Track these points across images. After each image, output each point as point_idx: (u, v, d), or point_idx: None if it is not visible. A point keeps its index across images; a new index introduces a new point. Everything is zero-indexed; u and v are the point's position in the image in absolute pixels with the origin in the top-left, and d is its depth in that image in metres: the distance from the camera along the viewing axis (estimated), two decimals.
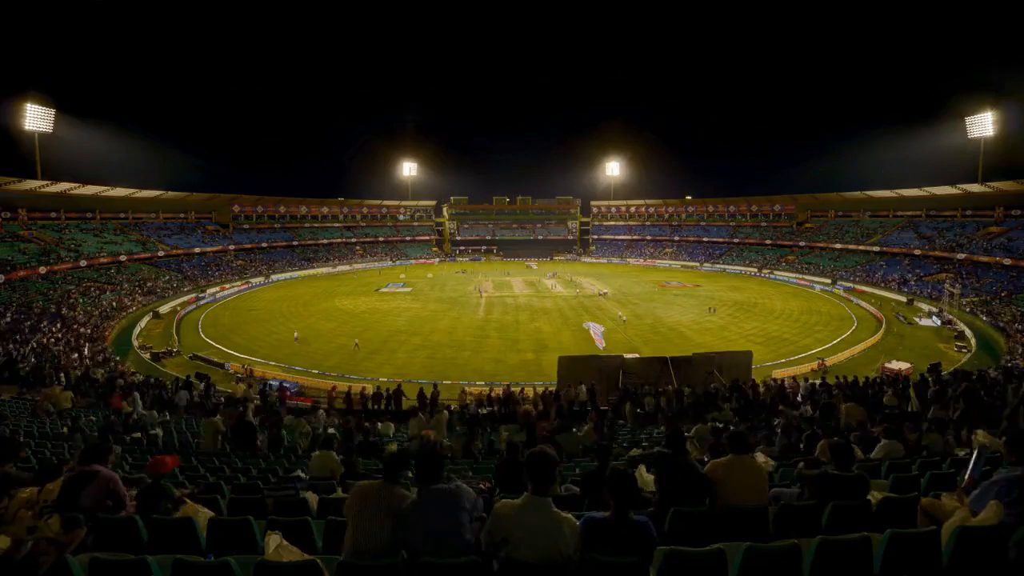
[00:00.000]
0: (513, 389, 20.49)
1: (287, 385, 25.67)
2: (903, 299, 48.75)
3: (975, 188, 58.48)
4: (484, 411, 17.34)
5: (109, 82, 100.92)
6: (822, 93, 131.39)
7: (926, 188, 63.56)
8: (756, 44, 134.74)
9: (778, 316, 42.80)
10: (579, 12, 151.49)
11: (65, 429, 11.02)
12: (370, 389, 21.26)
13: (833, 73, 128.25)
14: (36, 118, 56.07)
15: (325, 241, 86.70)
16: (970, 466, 4.25)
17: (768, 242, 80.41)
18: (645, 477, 5.07)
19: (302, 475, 6.70)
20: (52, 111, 57.32)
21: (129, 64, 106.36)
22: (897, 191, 67.47)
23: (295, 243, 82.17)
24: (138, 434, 10.98)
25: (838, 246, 69.54)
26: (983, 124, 59.95)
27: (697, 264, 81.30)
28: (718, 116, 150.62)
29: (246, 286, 60.62)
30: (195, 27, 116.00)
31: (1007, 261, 48.02)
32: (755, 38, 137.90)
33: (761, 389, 16.92)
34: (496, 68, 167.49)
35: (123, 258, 54.69)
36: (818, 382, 18.60)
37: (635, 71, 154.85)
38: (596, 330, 33.96)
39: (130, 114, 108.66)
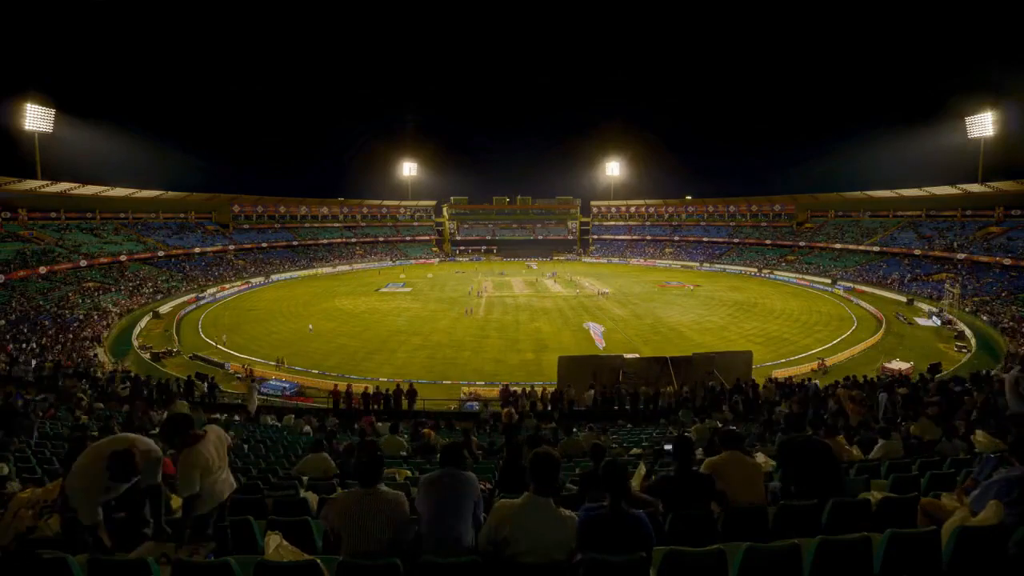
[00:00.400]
0: (514, 388, 20.51)
1: (286, 385, 25.69)
2: (903, 299, 48.75)
3: (975, 188, 58.47)
4: (485, 411, 17.37)
5: (109, 82, 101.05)
6: (822, 93, 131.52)
7: (926, 188, 63.56)
8: (756, 44, 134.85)
9: (778, 316, 42.80)
10: (579, 12, 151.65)
11: (65, 430, 11.01)
12: (371, 388, 21.26)
13: (833, 73, 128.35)
14: (36, 118, 56.07)
15: (325, 241, 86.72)
16: (976, 467, 4.27)
17: (768, 242, 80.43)
18: (642, 472, 5.07)
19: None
20: (52, 111, 57.33)
21: (129, 64, 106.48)
22: (897, 191, 67.48)
23: (295, 243, 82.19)
24: None
25: (838, 246, 69.55)
26: (983, 124, 59.94)
27: (697, 264, 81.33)
28: (718, 116, 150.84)
29: (246, 286, 60.62)
30: (195, 27, 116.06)
31: (1007, 261, 48.01)
32: (755, 38, 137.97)
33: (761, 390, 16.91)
34: (496, 68, 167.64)
35: (123, 258, 54.68)
36: (818, 382, 18.61)
37: (635, 71, 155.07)
38: (596, 330, 33.96)
39: (130, 114, 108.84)
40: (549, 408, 17.74)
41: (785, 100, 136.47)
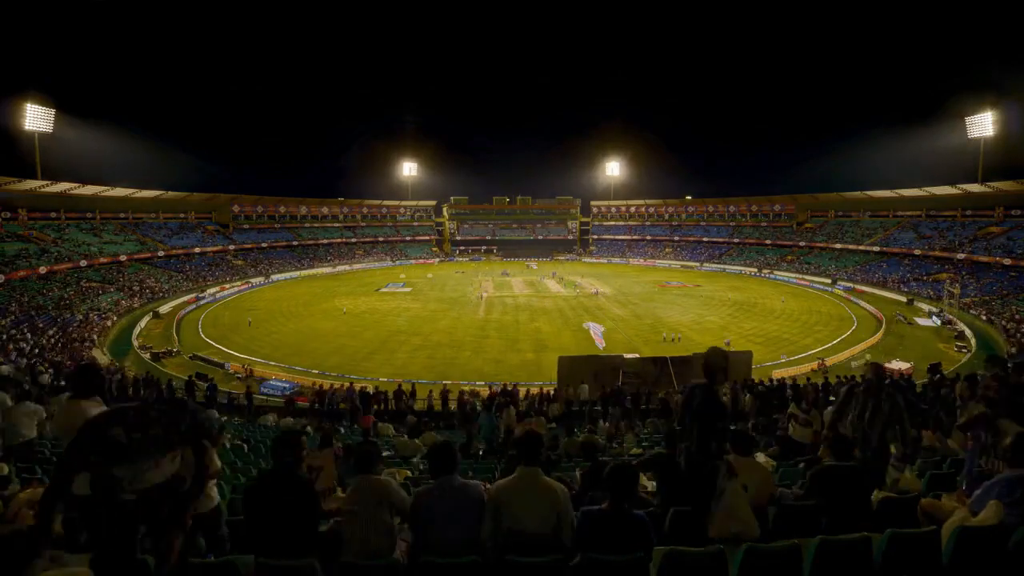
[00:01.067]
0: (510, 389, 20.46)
1: (285, 385, 25.67)
2: (903, 299, 48.76)
3: (975, 188, 58.48)
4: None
5: (109, 82, 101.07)
6: (822, 93, 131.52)
7: (926, 188, 63.57)
8: (756, 44, 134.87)
9: (778, 316, 42.80)
10: (579, 12, 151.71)
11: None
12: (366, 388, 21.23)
13: (833, 73, 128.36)
14: (36, 118, 56.07)
15: (325, 241, 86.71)
16: (965, 467, 4.28)
17: (768, 242, 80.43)
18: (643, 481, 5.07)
19: None
20: (52, 111, 57.33)
21: (129, 64, 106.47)
22: (897, 191, 67.49)
23: (295, 243, 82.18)
24: None
25: (838, 246, 69.55)
26: (983, 124, 59.94)
27: (697, 264, 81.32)
28: (718, 116, 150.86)
29: (246, 286, 60.64)
30: (195, 27, 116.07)
31: (1007, 261, 48.01)
32: (755, 38, 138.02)
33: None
34: (496, 68, 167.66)
35: (123, 258, 54.68)
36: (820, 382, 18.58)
37: (635, 71, 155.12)
38: (596, 330, 33.99)
39: (130, 114, 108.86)
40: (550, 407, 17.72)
41: (785, 100, 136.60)
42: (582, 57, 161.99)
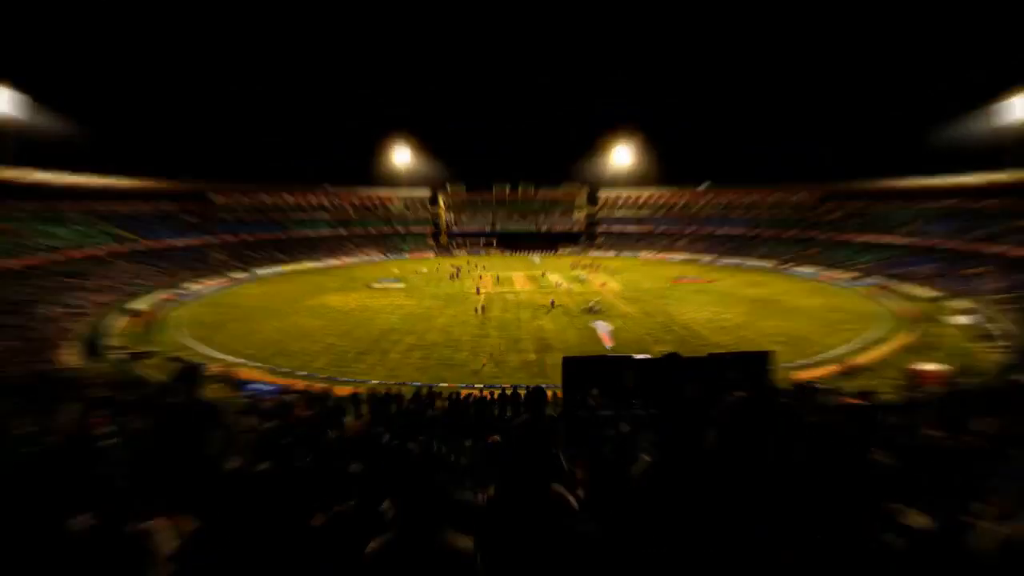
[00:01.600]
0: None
1: (267, 388, 25.43)
2: (933, 295, 48.36)
3: (1011, 176, 57.83)
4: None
5: (84, 66, 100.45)
6: (843, 77, 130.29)
7: (958, 176, 62.98)
8: (776, 26, 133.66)
9: (800, 313, 42.49)
10: (579, 12, 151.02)
11: None
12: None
13: (857, 56, 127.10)
14: (4, 102, 55.73)
15: (313, 234, 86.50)
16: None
17: (789, 234, 79.84)
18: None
19: None
20: (21, 95, 56.98)
21: (105, 49, 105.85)
22: (927, 179, 66.89)
23: (281, 236, 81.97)
24: None
25: (863, 239, 69.02)
26: (1020, 108, 59.23)
27: (713, 258, 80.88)
28: (736, 102, 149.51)
29: (228, 282, 60.52)
30: (178, 11, 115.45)
31: None
32: (776, 20, 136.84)
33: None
34: (496, 68, 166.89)
35: (96, 252, 54.52)
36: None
37: (637, 68, 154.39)
38: (604, 329, 33.75)
39: (107, 99, 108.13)
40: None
41: (806, 86, 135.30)
42: (585, 52, 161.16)
